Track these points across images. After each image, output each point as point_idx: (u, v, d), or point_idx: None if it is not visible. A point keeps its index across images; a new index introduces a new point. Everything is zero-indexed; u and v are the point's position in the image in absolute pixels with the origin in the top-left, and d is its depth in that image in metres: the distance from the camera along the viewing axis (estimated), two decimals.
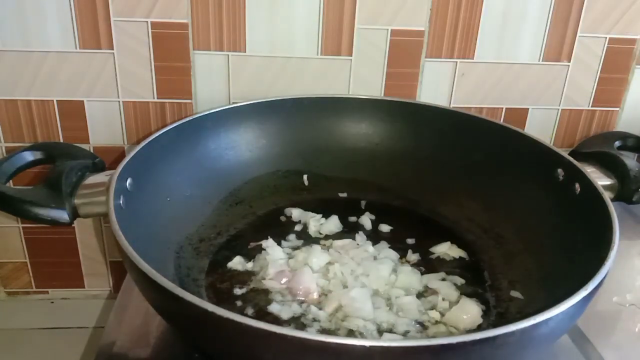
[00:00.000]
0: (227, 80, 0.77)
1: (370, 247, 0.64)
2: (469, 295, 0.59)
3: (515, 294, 0.59)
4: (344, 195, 0.75)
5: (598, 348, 0.56)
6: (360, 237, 0.67)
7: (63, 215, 0.55)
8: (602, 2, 0.76)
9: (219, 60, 0.75)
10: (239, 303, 0.57)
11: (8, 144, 0.78)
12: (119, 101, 0.77)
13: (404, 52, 0.77)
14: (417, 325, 0.54)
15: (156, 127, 0.78)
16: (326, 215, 0.69)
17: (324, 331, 0.53)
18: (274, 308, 0.56)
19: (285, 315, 0.55)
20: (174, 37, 0.73)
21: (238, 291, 0.58)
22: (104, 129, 0.78)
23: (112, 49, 0.73)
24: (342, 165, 0.76)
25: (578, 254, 0.55)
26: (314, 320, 0.54)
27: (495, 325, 0.55)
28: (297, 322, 0.54)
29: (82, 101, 0.76)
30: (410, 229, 0.69)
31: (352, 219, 0.70)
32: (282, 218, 0.70)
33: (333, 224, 0.69)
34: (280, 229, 0.68)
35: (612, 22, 0.78)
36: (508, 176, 0.69)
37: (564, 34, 0.78)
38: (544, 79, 0.81)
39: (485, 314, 0.56)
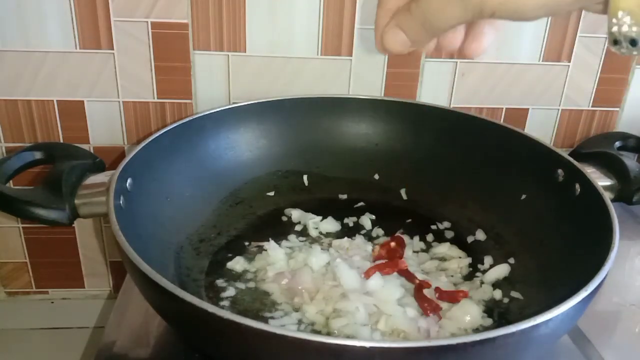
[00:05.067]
0: (227, 80, 0.77)
1: (370, 247, 0.64)
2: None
3: (515, 294, 0.59)
4: (344, 195, 0.75)
5: (598, 348, 0.56)
6: (360, 237, 0.67)
7: (63, 216, 0.55)
8: None
9: (219, 60, 0.75)
10: None
11: (8, 144, 0.78)
12: (119, 101, 0.76)
13: None
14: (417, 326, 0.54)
15: (156, 127, 0.78)
16: (326, 216, 0.69)
17: (322, 332, 0.53)
18: (273, 309, 0.56)
19: (284, 316, 0.55)
20: (174, 37, 0.73)
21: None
22: (104, 129, 0.78)
23: (112, 49, 0.73)
24: (342, 166, 0.76)
25: (578, 254, 0.55)
26: (313, 321, 0.54)
27: (495, 325, 0.55)
28: (297, 322, 0.54)
29: (82, 101, 0.76)
30: (410, 229, 0.69)
31: (352, 219, 0.70)
32: (283, 218, 0.70)
33: (332, 224, 0.68)
34: (280, 229, 0.68)
35: None
36: (508, 176, 0.69)
37: (564, 34, 0.78)
38: (544, 79, 0.81)
39: (485, 315, 0.56)
